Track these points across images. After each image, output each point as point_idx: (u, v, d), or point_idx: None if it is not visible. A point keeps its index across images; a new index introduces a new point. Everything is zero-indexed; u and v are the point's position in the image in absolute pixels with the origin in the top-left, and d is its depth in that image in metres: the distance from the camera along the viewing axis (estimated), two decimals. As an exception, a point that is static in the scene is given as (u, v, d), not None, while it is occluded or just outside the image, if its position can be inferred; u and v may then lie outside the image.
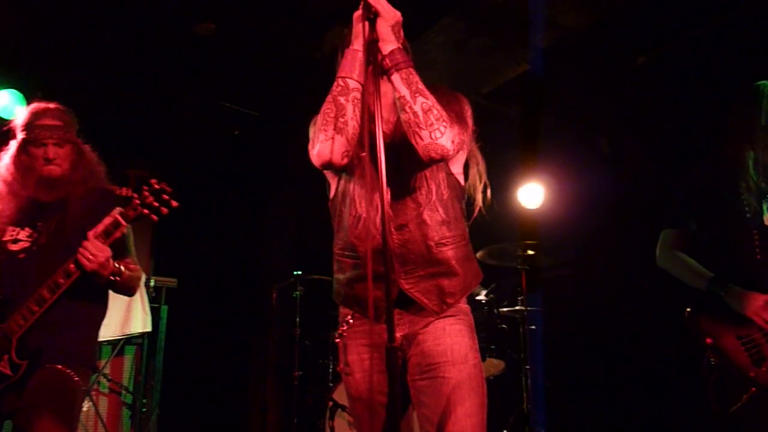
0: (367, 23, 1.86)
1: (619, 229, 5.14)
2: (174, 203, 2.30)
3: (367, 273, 1.80)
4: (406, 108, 1.85)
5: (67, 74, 4.70)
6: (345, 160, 1.91)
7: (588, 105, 5.22)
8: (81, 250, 2.25)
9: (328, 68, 2.05)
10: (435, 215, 1.95)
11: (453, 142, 1.87)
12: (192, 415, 5.47)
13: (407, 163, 1.95)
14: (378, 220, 1.81)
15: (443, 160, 1.90)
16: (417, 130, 1.84)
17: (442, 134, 1.83)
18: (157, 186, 2.29)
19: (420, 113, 1.83)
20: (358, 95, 1.89)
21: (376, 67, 1.84)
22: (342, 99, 1.88)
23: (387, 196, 1.73)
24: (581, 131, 5.56)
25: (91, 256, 2.25)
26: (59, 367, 2.33)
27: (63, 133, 2.53)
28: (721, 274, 2.61)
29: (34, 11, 4.27)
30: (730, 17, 4.11)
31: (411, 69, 1.87)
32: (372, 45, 1.86)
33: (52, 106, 2.60)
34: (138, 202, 2.26)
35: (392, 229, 1.89)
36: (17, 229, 2.50)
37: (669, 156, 5.02)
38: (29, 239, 2.46)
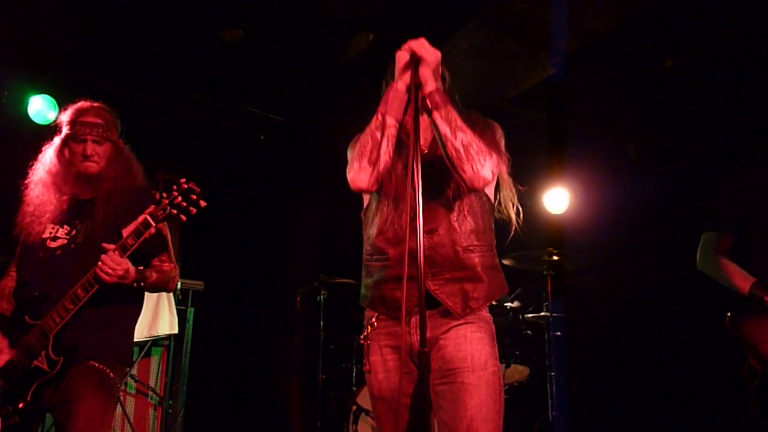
0: (411, 68, 1.97)
1: (645, 235, 5.08)
2: (202, 203, 2.34)
3: (395, 274, 1.95)
4: (448, 144, 1.98)
5: (97, 80, 4.78)
6: (375, 187, 2.08)
7: (615, 110, 5.16)
8: (99, 264, 2.29)
9: (352, 73, 2.09)
10: (465, 224, 2.05)
11: (493, 172, 2.01)
12: (217, 416, 5.52)
13: (440, 178, 2.06)
14: (407, 224, 1.92)
15: (486, 186, 2.05)
16: (460, 164, 1.98)
17: (483, 166, 1.98)
18: (185, 186, 2.32)
19: (461, 149, 1.97)
20: (394, 131, 2.03)
21: (417, 105, 1.96)
22: (378, 134, 2.03)
23: (421, 207, 1.81)
24: (608, 136, 5.50)
25: (109, 270, 2.29)
26: (95, 363, 2.39)
27: (103, 131, 2.59)
28: (763, 279, 2.56)
29: (66, 18, 4.36)
30: (759, 19, 4.04)
31: (450, 107, 1.99)
32: (415, 87, 1.97)
33: (96, 104, 2.67)
34: (167, 201, 2.30)
35: (422, 233, 1.93)
36: (56, 226, 2.56)
37: (697, 162, 4.95)
38: (67, 237, 2.52)
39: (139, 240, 2.32)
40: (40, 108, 4.64)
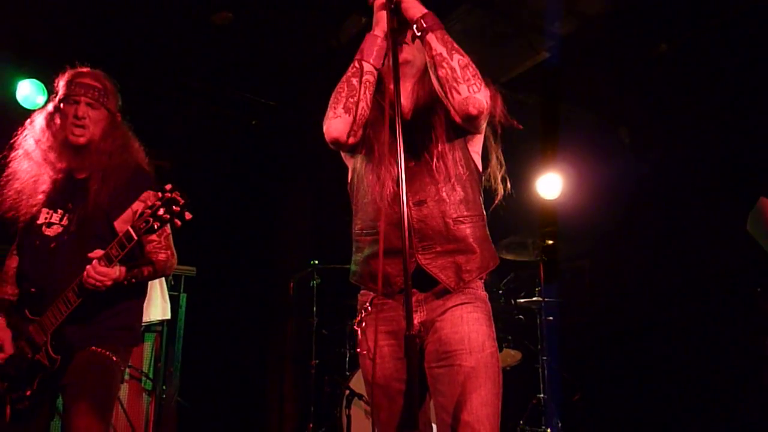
0: (388, 11, 1.90)
1: (638, 220, 5.09)
2: (187, 215, 2.16)
3: (384, 248, 1.84)
4: (444, 64, 1.88)
5: (86, 64, 4.73)
6: (352, 139, 1.97)
7: (608, 94, 5.15)
8: (84, 275, 2.21)
9: (345, 57, 2.05)
10: (453, 194, 1.96)
11: (487, 102, 1.90)
12: (211, 401, 5.53)
13: (424, 141, 1.97)
14: (391, 196, 1.88)
15: (478, 117, 1.91)
16: (455, 84, 1.88)
17: (479, 89, 1.88)
18: (169, 195, 2.14)
19: (458, 68, 1.88)
20: (372, 78, 1.95)
21: (396, 52, 1.87)
22: (354, 80, 1.94)
23: (404, 173, 1.73)
24: (601, 120, 5.49)
25: (95, 282, 2.22)
26: (98, 349, 2.34)
27: (99, 95, 2.43)
28: None
29: (54, 2, 4.30)
30: (753, 3, 4.03)
31: (444, 31, 1.92)
32: (393, 33, 1.89)
33: (98, 71, 2.52)
34: (149, 212, 2.14)
35: (411, 205, 1.88)
36: (50, 211, 2.45)
37: (690, 146, 4.95)
38: (61, 225, 2.43)
39: (123, 252, 2.20)
40: (29, 93, 4.58)
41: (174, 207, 2.13)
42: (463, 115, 1.90)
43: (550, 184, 5.25)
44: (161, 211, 2.12)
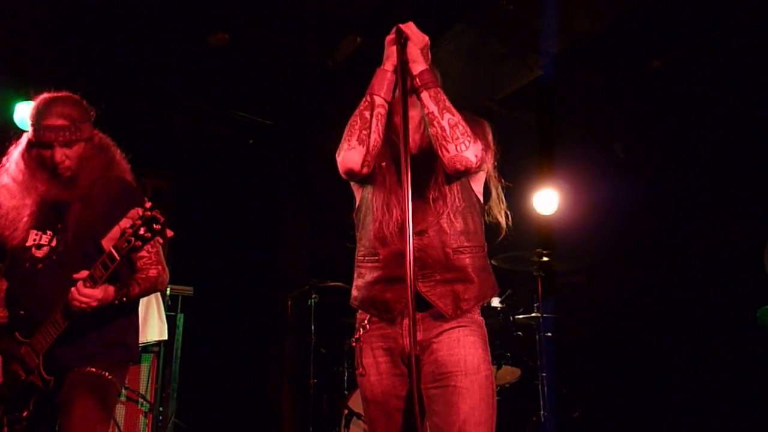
0: (398, 47, 1.98)
1: (635, 235, 5.11)
2: (169, 232, 2.14)
3: (385, 275, 1.94)
4: (434, 123, 1.97)
5: (83, 84, 4.74)
6: (365, 170, 2.04)
7: (602, 110, 5.20)
8: (69, 298, 2.19)
9: (340, 77, 2.09)
10: (454, 225, 2.03)
11: (476, 156, 1.98)
12: (209, 422, 5.49)
13: (426, 176, 2.05)
14: (397, 225, 1.97)
15: (467, 172, 2.01)
16: (444, 143, 1.96)
17: (467, 148, 1.96)
18: (149, 214, 2.10)
19: (447, 128, 1.96)
20: (383, 111, 2.02)
21: (405, 84, 1.96)
22: (367, 113, 2.02)
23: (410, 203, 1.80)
24: (596, 137, 5.53)
25: (80, 304, 2.19)
26: (92, 369, 2.32)
27: (70, 134, 2.36)
28: None
29: (52, 24, 4.33)
30: (744, 20, 4.08)
31: (439, 89, 1.99)
32: (402, 66, 1.98)
33: (60, 96, 2.43)
34: (130, 231, 2.11)
35: (412, 234, 1.91)
36: (39, 233, 2.44)
37: (685, 161, 4.99)
38: (50, 246, 2.42)
39: (107, 272, 2.18)
40: (26, 115, 4.59)
41: (155, 225, 2.12)
42: (452, 171, 1.99)
43: (547, 200, 5.27)
44: (142, 231, 2.11)
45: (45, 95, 2.44)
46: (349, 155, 2.02)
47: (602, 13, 4.20)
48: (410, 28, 2.02)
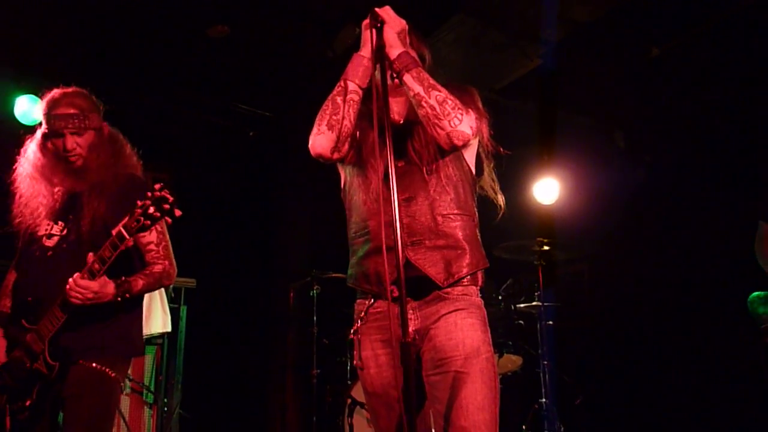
0: (374, 31, 1.96)
1: (635, 223, 5.12)
2: (177, 212, 2.17)
3: (374, 247, 1.90)
4: (422, 103, 1.92)
5: (83, 78, 4.75)
6: (336, 155, 2.04)
7: (602, 99, 5.19)
8: (67, 289, 2.21)
9: (340, 68, 2.08)
10: (444, 193, 1.99)
11: (472, 127, 1.94)
12: (213, 413, 5.52)
13: (414, 143, 2.02)
14: (380, 194, 1.88)
15: (465, 145, 1.97)
16: (436, 121, 1.92)
17: (461, 121, 1.92)
18: (158, 194, 2.15)
19: (436, 105, 1.91)
20: (356, 97, 2.00)
21: (384, 68, 1.92)
22: (339, 99, 2.00)
23: (393, 170, 1.76)
24: (596, 125, 5.53)
25: (78, 295, 2.21)
26: (94, 365, 2.35)
27: (79, 122, 2.44)
28: None
29: (50, 17, 4.33)
30: (744, 7, 4.07)
31: (420, 68, 1.95)
32: (379, 50, 1.95)
33: (69, 90, 2.51)
34: (140, 211, 2.15)
35: (400, 201, 1.86)
36: (51, 223, 2.49)
37: (685, 149, 4.99)
38: (60, 235, 2.46)
39: (115, 252, 2.20)
40: (27, 108, 4.60)
41: (164, 205, 2.15)
42: (450, 147, 1.96)
43: (547, 189, 5.28)
44: (151, 210, 2.14)
45: (55, 90, 2.51)
46: (318, 140, 2.03)
47: (601, 1, 4.20)
48: (386, 12, 1.98)
